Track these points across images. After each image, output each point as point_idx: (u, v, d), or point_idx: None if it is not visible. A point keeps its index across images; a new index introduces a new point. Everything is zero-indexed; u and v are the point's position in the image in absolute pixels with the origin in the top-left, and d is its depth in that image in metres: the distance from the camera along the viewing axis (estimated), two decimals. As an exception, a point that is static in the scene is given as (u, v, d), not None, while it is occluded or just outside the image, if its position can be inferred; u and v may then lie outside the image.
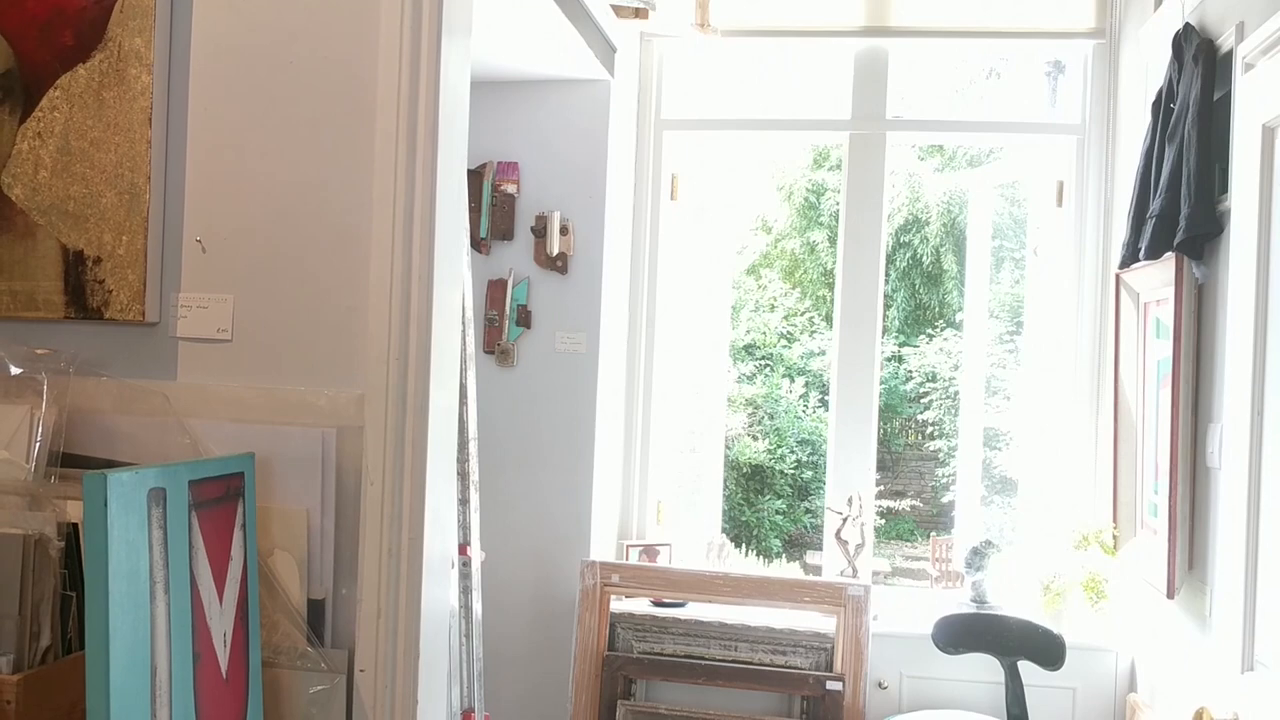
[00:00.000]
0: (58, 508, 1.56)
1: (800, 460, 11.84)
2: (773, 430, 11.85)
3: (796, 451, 11.87)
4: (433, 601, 1.79)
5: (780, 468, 11.82)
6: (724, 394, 4.45)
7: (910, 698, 3.47)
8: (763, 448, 11.72)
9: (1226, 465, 2.61)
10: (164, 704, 1.42)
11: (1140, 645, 3.33)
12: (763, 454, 11.74)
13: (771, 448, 11.78)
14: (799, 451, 11.86)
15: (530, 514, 3.61)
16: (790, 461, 11.86)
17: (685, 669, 3.47)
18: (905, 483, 12.70)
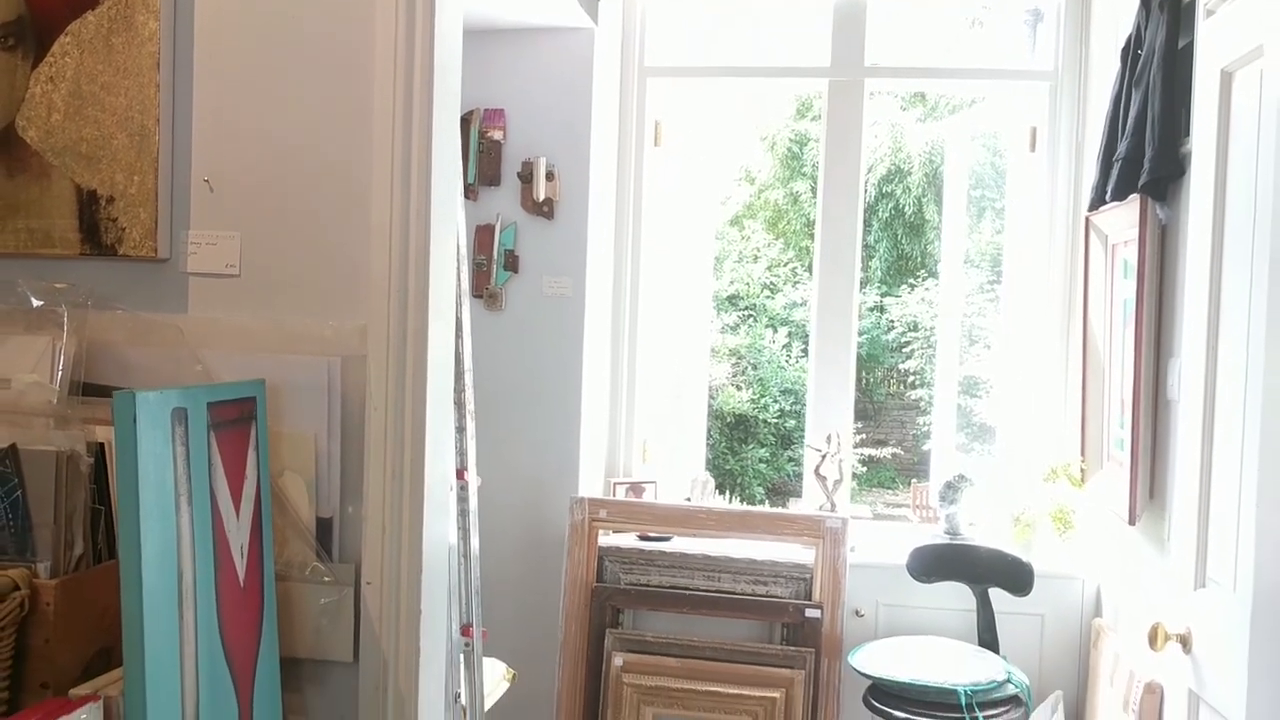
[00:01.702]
0: (86, 429, 1.67)
1: (783, 410, 11.98)
2: (756, 380, 11.99)
3: (780, 401, 12.01)
4: (434, 519, 1.91)
5: (764, 417, 11.97)
6: (708, 344, 4.56)
7: (886, 625, 3.63)
8: (746, 397, 11.87)
9: (1184, 397, 2.74)
10: (190, 606, 1.54)
11: (1105, 572, 3.48)
12: (746, 404, 11.88)
13: (755, 397, 11.92)
14: (782, 401, 12.00)
15: (521, 453, 3.73)
16: (773, 411, 12.01)
17: (671, 599, 3.61)
18: (887, 431, 12.88)
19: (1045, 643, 3.58)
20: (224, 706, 1.64)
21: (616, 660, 3.54)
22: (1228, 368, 2.46)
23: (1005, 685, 3.18)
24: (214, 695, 1.61)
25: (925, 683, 3.12)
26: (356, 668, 1.89)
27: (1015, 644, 3.51)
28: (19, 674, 1.51)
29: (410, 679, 1.88)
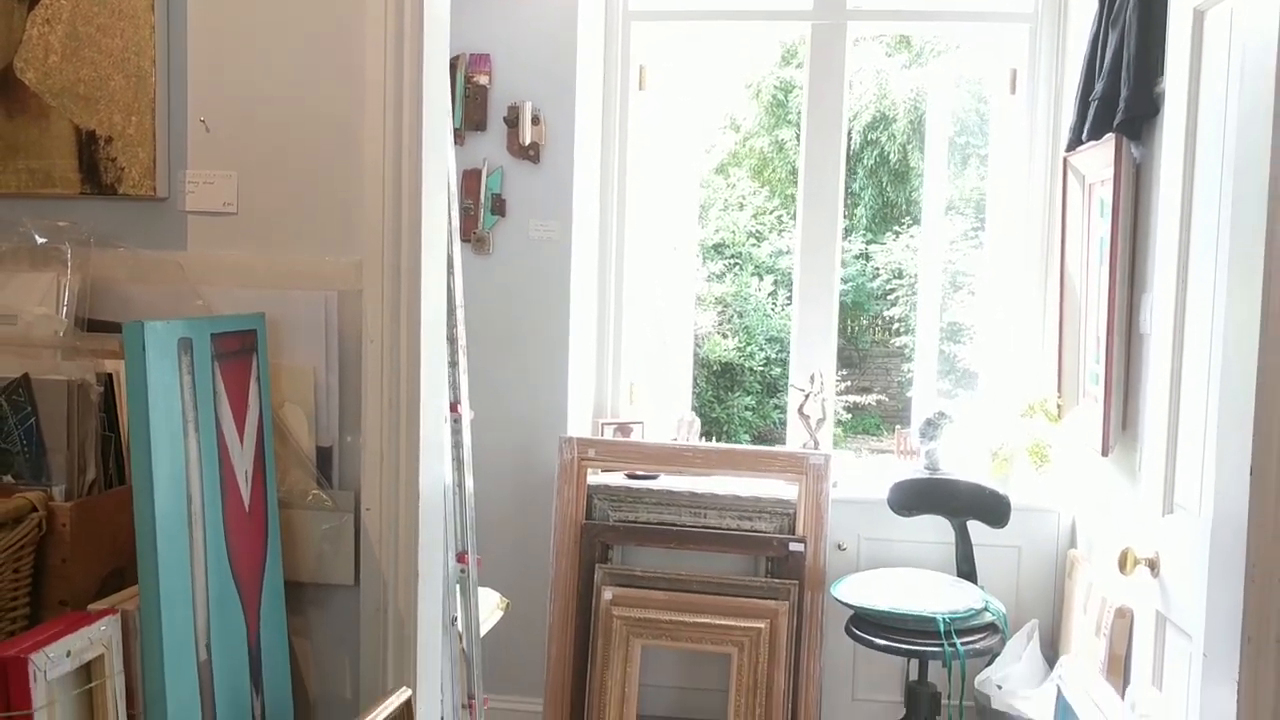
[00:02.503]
0: (94, 361, 1.73)
1: (769, 358, 12.07)
2: (742, 328, 12.06)
3: (765, 349, 12.09)
4: (429, 448, 1.98)
5: (750, 365, 12.05)
6: (693, 292, 4.61)
7: (867, 557, 3.73)
8: (732, 345, 11.94)
9: (1155, 331, 2.83)
10: (199, 527, 1.61)
11: (1080, 505, 3.59)
12: (732, 352, 11.96)
13: (741, 345, 12.00)
14: (768, 349, 12.08)
15: (510, 394, 3.80)
16: (759, 359, 12.09)
17: (658, 534, 3.71)
18: (872, 378, 12.98)
19: (1022, 573, 3.69)
20: (233, 624, 1.71)
21: (606, 594, 3.64)
22: (1196, 302, 2.54)
23: (982, 614, 3.29)
24: (223, 613, 1.68)
25: (905, 611, 3.22)
26: (357, 590, 1.97)
27: (993, 575, 3.62)
28: (38, 592, 1.59)
29: (409, 601, 1.97)
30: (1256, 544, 1.81)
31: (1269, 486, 1.80)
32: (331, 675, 2.00)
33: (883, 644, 3.25)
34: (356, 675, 1.99)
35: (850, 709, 3.75)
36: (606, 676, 3.59)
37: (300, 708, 1.96)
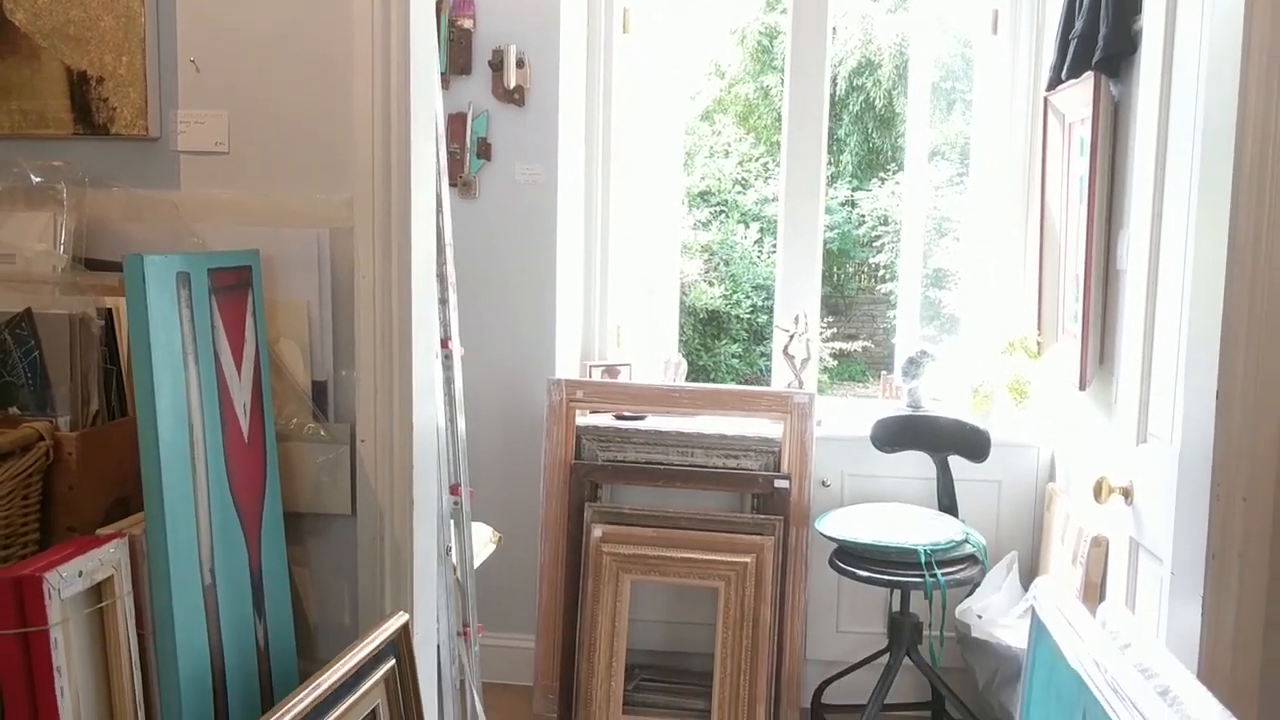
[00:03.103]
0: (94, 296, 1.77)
1: (755, 305, 12.11)
2: (728, 276, 12.09)
3: (752, 297, 12.12)
4: (421, 381, 2.03)
5: (736, 313, 12.10)
6: (679, 240, 4.63)
7: (851, 493, 3.81)
8: (719, 293, 11.98)
9: (1131, 267, 2.89)
10: (200, 456, 1.66)
11: (1059, 440, 3.67)
12: (719, 299, 11.99)
13: (727, 293, 12.03)
14: (754, 296, 12.12)
15: (498, 337, 3.84)
16: (746, 306, 12.13)
17: (646, 473, 3.78)
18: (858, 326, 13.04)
19: (1002, 507, 3.77)
20: (235, 551, 1.77)
21: (596, 532, 3.71)
22: (1171, 237, 2.59)
23: (963, 545, 3.37)
24: (226, 540, 1.74)
25: (887, 543, 3.30)
26: (354, 520, 2.03)
27: (973, 509, 3.70)
28: (47, 518, 1.64)
29: (405, 529, 2.03)
30: (1221, 465, 1.89)
31: (1233, 411, 1.87)
32: (331, 602, 2.07)
33: (865, 575, 3.33)
34: (355, 602, 2.06)
35: (834, 640, 3.85)
36: (597, 612, 3.67)
37: (301, 633, 2.03)
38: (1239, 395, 1.85)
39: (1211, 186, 2.08)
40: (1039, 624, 2.16)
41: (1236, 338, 1.87)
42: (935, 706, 3.68)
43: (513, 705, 3.78)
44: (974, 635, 3.33)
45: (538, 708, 3.82)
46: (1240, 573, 1.86)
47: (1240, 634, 1.86)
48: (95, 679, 1.53)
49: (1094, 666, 1.81)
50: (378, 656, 1.83)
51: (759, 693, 3.59)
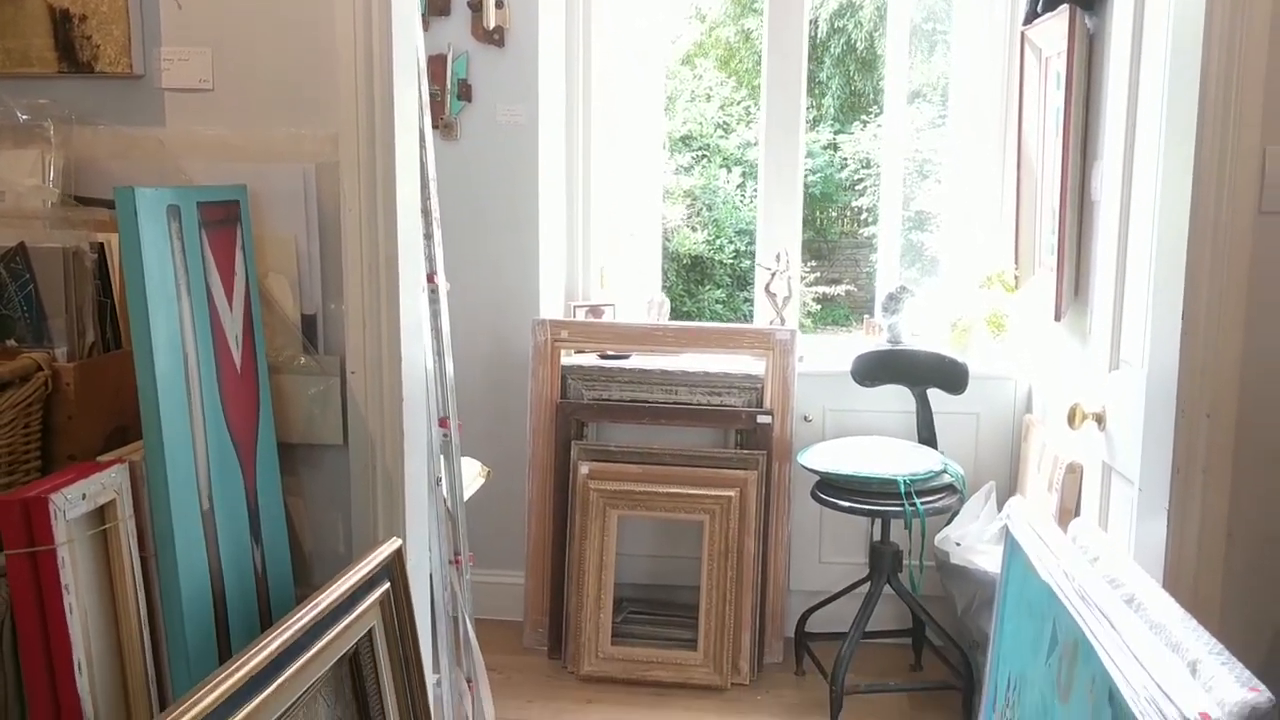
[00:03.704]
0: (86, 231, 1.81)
1: (739, 250, 12.12)
2: (711, 221, 12.09)
3: (735, 242, 12.13)
4: (409, 313, 2.08)
5: (719, 258, 12.11)
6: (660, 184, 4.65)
7: (832, 428, 3.88)
8: (702, 239, 11.98)
9: (1105, 197, 2.94)
10: (196, 386, 1.71)
11: (1036, 372, 3.74)
12: (702, 245, 12.00)
13: (710, 238, 12.03)
14: (737, 242, 12.12)
15: (483, 278, 3.87)
16: (729, 252, 12.13)
17: (631, 411, 3.84)
18: (840, 270, 13.06)
19: (980, 439, 3.85)
20: (231, 479, 1.82)
21: (582, 469, 3.78)
22: (1142, 168, 2.64)
23: (942, 475, 3.44)
24: (222, 468, 1.79)
25: (867, 474, 3.37)
26: (346, 450, 2.08)
27: (952, 441, 3.78)
28: (47, 448, 1.69)
29: (396, 459, 2.08)
30: (1186, 384, 1.95)
31: (1197, 331, 1.93)
32: (325, 531, 2.12)
33: (846, 506, 3.41)
34: (348, 530, 2.11)
35: (817, 571, 3.93)
36: (585, 547, 3.74)
37: (296, 561, 2.09)
38: (1203, 316, 1.91)
39: (1178, 114, 2.12)
40: (1012, 541, 2.24)
41: (1201, 260, 1.92)
42: (915, 633, 3.78)
43: (504, 639, 3.87)
44: (953, 562, 3.41)
45: (528, 641, 3.91)
46: (1204, 487, 1.93)
47: (1203, 545, 1.93)
48: (101, 600, 1.58)
49: (1063, 577, 1.88)
50: (372, 580, 1.89)
51: (744, 622, 3.68)
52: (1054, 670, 1.88)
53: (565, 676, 3.71)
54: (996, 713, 2.25)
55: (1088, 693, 1.70)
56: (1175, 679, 1.43)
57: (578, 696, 3.58)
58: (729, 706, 3.52)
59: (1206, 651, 1.61)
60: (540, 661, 3.82)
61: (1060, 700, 1.83)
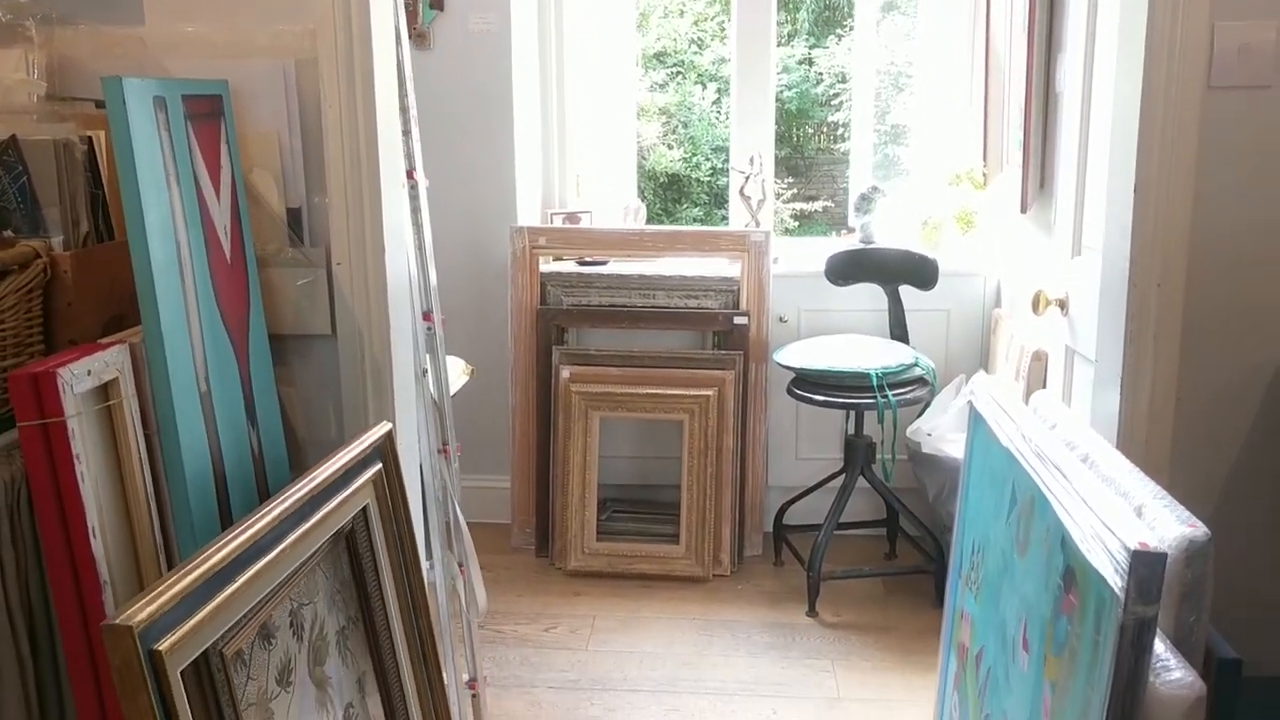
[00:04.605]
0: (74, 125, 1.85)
1: (715, 167, 12.09)
2: (687, 139, 12.05)
3: (711, 159, 12.10)
4: (390, 205, 2.14)
5: (696, 175, 12.09)
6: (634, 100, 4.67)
7: (807, 328, 3.97)
8: (678, 156, 11.96)
9: (1068, 88, 3.01)
10: (189, 273, 1.77)
11: (1005, 268, 3.83)
12: (678, 163, 11.98)
13: (687, 156, 12.01)
14: (714, 159, 12.10)
15: (459, 188, 3.91)
16: (705, 169, 12.11)
17: (610, 316, 3.92)
18: (818, 187, 13.05)
19: (951, 334, 3.95)
20: (226, 364, 1.90)
21: (564, 373, 3.86)
22: (1103, 58, 2.71)
23: (913, 368, 3.55)
24: (217, 353, 1.87)
25: (841, 369, 3.47)
26: (335, 340, 2.15)
27: (924, 337, 3.88)
28: (49, 333, 1.75)
29: (384, 348, 2.16)
30: (1138, 255, 2.04)
31: (1149, 203, 2.02)
32: (317, 419, 2.21)
33: (821, 400, 3.51)
34: (340, 418, 2.20)
35: (794, 467, 4.05)
36: (568, 448, 3.84)
37: (291, 448, 2.17)
38: (1154, 189, 2.00)
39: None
40: (975, 415, 2.34)
41: (1152, 135, 2.00)
42: (890, 523, 3.92)
43: (492, 541, 3.98)
44: (924, 451, 3.53)
45: (516, 541, 4.03)
46: (1154, 353, 2.04)
47: (1154, 408, 2.04)
48: (109, 474, 1.67)
49: (1021, 440, 1.99)
50: (365, 460, 1.98)
51: (724, 516, 3.80)
52: (1013, 528, 1.99)
53: (553, 572, 3.84)
54: (962, 578, 2.37)
55: (1043, 543, 1.81)
56: (1120, 519, 1.54)
57: (565, 590, 3.71)
58: (711, 596, 3.66)
59: (1152, 497, 1.72)
60: (528, 560, 3.95)
61: (1019, 555, 1.95)
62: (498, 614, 3.49)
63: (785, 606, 3.57)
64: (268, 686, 1.70)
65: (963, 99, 4.05)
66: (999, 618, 2.01)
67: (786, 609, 3.56)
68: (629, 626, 3.44)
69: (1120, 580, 1.44)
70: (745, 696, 3.04)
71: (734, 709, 2.97)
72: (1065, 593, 1.67)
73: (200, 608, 1.45)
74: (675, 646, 3.31)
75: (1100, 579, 1.50)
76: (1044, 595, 1.77)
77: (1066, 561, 1.68)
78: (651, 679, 3.12)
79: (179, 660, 1.41)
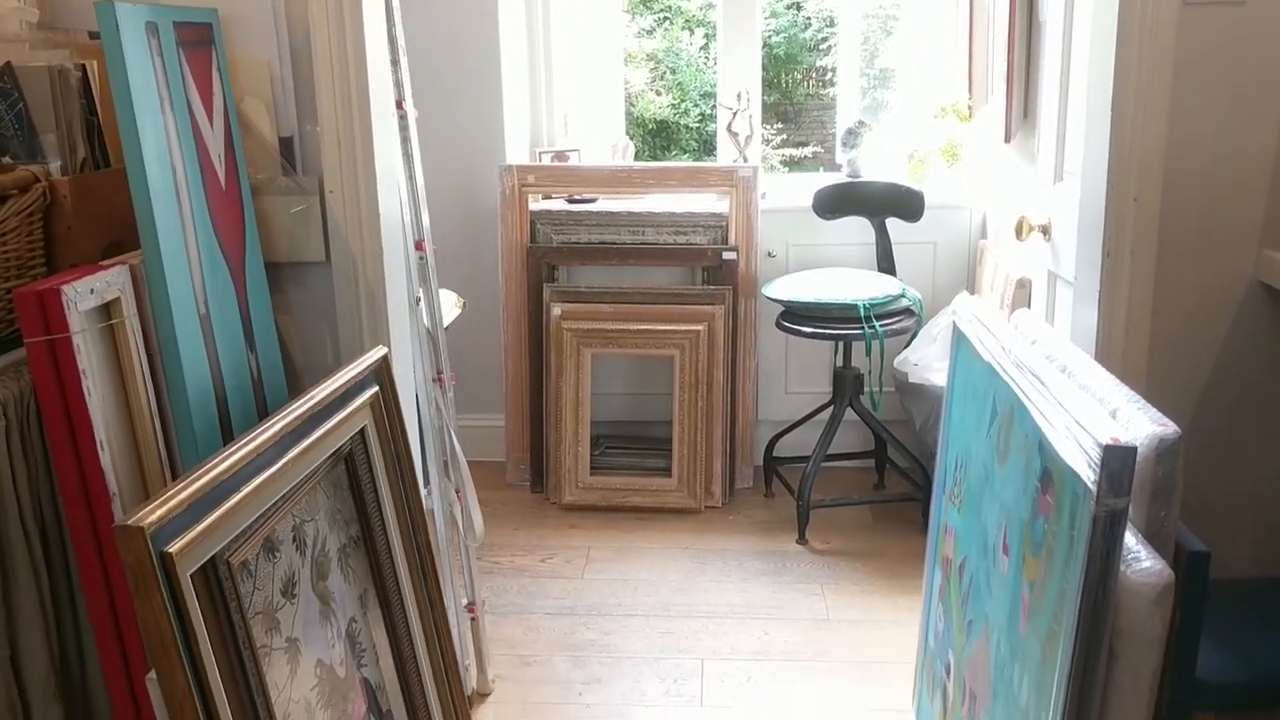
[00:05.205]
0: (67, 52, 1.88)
1: (704, 113, 12.04)
2: (675, 85, 11.99)
3: (700, 105, 12.05)
4: (381, 134, 2.17)
5: (684, 122, 12.04)
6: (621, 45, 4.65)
7: (795, 262, 4.01)
8: (666, 103, 11.90)
9: (1050, 17, 3.03)
10: (185, 198, 1.81)
11: (990, 200, 3.87)
12: (667, 109, 11.93)
13: (675, 102, 11.95)
14: (702, 105, 12.05)
15: (447, 127, 3.92)
16: (694, 115, 12.06)
17: (600, 253, 3.95)
18: (807, 132, 13.00)
19: (937, 267, 4.00)
20: (224, 289, 1.94)
21: (555, 310, 3.91)
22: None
23: (900, 299, 3.60)
24: (215, 278, 1.91)
25: (828, 301, 3.52)
26: (329, 267, 2.19)
27: (911, 270, 3.92)
28: (50, 258, 1.79)
29: (377, 274, 2.20)
30: (1115, 171, 2.08)
31: (1125, 120, 2.06)
32: (313, 347, 2.25)
33: (809, 331, 3.56)
34: (336, 345, 2.24)
35: (784, 401, 4.11)
36: (561, 385, 3.89)
37: (289, 375, 2.22)
38: (1130, 106, 2.03)
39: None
40: (958, 333, 2.40)
41: (1129, 53, 2.03)
42: (878, 454, 3.98)
43: (488, 479, 4.04)
44: (910, 381, 3.58)
45: (511, 478, 4.10)
46: (1131, 268, 2.08)
47: (1130, 321, 2.09)
48: (114, 393, 1.71)
49: (1001, 353, 2.04)
50: (362, 382, 2.02)
51: (715, 449, 3.86)
52: (994, 440, 2.05)
53: (548, 507, 3.91)
54: (946, 493, 2.44)
55: (1022, 450, 1.87)
56: (1095, 419, 1.59)
57: (560, 523, 3.78)
58: (703, 526, 3.73)
59: (1126, 401, 1.78)
60: (524, 495, 4.01)
61: (999, 465, 2.01)
62: (495, 546, 3.56)
63: (776, 535, 3.65)
64: (273, 597, 1.76)
65: (949, 35, 4.06)
66: (980, 527, 2.08)
67: (777, 538, 3.63)
68: (623, 556, 3.51)
69: (1093, 474, 1.49)
70: (737, 619, 3.12)
71: (726, 630, 3.05)
72: (1042, 494, 1.73)
73: (207, 514, 1.50)
74: (669, 574, 3.39)
75: (1074, 475, 1.56)
76: (1022, 499, 1.83)
77: (1044, 464, 1.74)
78: (646, 604, 3.20)
79: (188, 564, 1.47)
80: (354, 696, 1.96)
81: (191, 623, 1.44)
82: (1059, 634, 1.60)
